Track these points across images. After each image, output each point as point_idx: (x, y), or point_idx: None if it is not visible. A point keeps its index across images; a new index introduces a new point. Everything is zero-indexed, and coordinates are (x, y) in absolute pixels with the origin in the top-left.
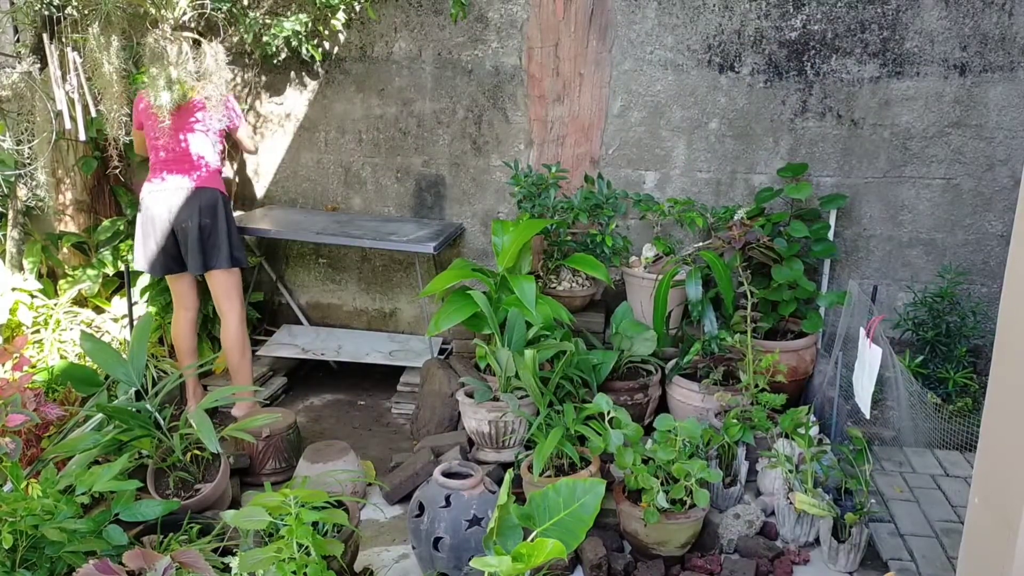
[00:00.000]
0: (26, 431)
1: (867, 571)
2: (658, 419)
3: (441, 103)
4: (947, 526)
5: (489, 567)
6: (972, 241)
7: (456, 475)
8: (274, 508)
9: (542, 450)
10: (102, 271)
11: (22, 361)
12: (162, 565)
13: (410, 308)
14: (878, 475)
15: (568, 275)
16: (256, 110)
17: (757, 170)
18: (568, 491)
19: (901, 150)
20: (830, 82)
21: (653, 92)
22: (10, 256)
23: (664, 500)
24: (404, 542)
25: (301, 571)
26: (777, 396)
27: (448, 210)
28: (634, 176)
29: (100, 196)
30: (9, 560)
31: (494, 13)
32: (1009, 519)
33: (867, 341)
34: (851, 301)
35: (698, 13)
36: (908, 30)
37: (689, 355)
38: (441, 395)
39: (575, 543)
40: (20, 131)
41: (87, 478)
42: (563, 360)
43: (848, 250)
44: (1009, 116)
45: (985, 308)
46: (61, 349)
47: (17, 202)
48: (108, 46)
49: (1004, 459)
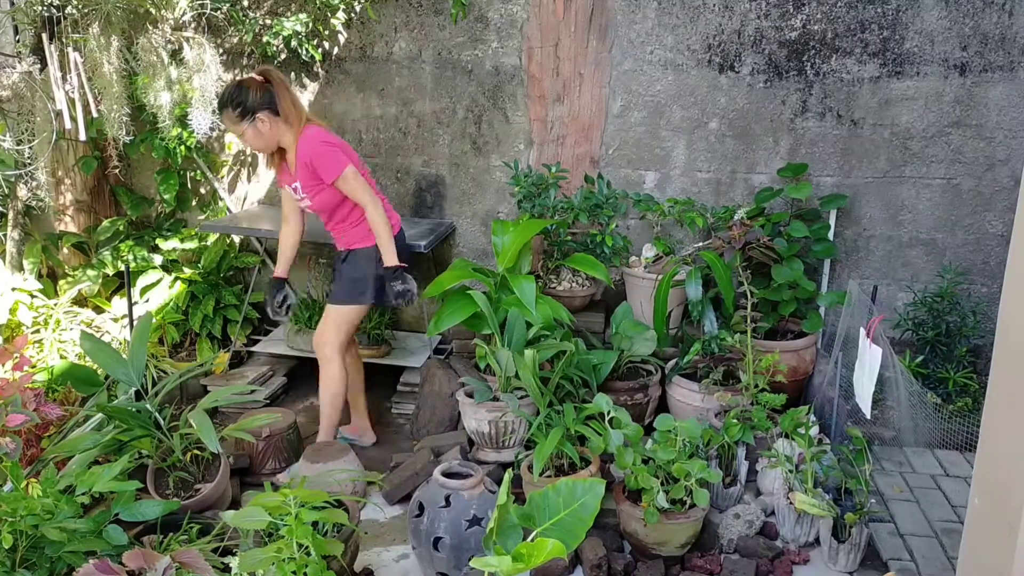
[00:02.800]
0: (26, 431)
1: (867, 571)
2: (658, 419)
3: (441, 103)
4: (947, 526)
5: (489, 567)
6: (972, 241)
7: (456, 475)
8: (274, 508)
9: (542, 450)
10: (102, 271)
11: (22, 361)
12: (162, 565)
13: (410, 308)
14: (878, 475)
15: (568, 275)
16: None
17: (757, 170)
18: (568, 491)
19: (901, 150)
20: (830, 82)
21: (653, 92)
22: (10, 256)
23: (664, 500)
24: (404, 542)
25: (301, 571)
26: (777, 396)
27: (448, 210)
28: (634, 176)
29: (100, 196)
30: (9, 560)
31: (494, 13)
32: (1009, 519)
33: (867, 341)
34: (851, 301)
35: (698, 13)
36: (908, 30)
37: (689, 355)
38: (441, 395)
39: (575, 543)
40: (20, 131)
41: (87, 478)
42: (563, 360)
43: (848, 250)
44: (1009, 116)
45: (985, 308)
46: (61, 349)
47: (17, 202)
48: (108, 46)
49: (1004, 459)
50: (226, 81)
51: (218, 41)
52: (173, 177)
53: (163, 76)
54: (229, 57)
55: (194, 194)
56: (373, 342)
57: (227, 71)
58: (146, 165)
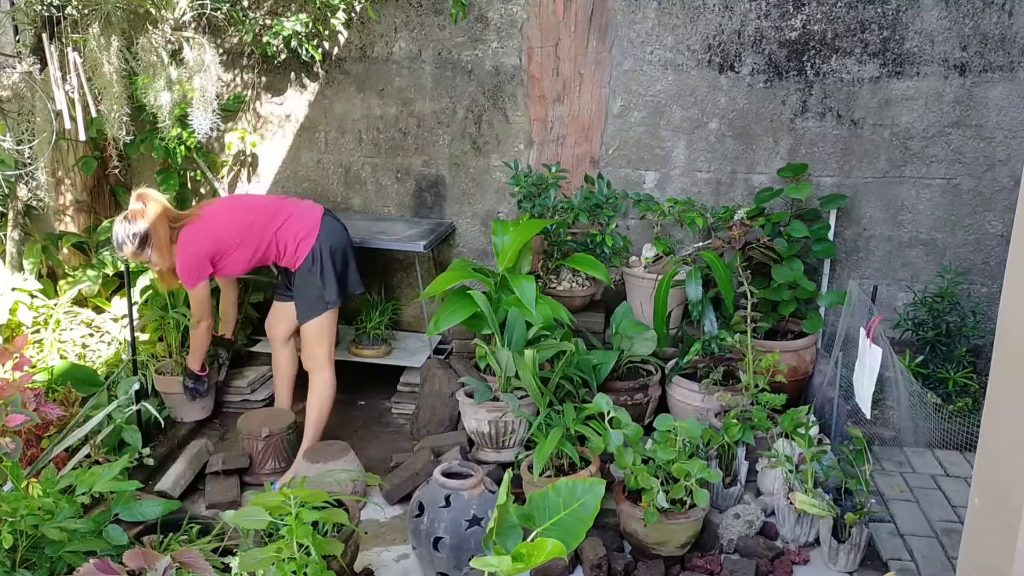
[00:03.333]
0: (26, 431)
1: (867, 571)
2: (658, 419)
3: (441, 103)
4: (947, 526)
5: (489, 567)
6: (972, 241)
7: (456, 475)
8: (274, 508)
9: (542, 450)
10: (102, 271)
11: (22, 361)
12: (162, 565)
13: (410, 308)
14: (878, 475)
15: (568, 275)
16: (256, 111)
17: (757, 170)
18: (568, 491)
19: (901, 150)
20: (830, 82)
21: (653, 92)
22: (10, 256)
23: (664, 500)
24: (404, 542)
25: (301, 571)
26: (777, 396)
27: (448, 210)
28: (634, 176)
29: (100, 196)
30: (9, 560)
31: (494, 13)
32: (1009, 519)
33: (867, 341)
34: (851, 301)
35: (698, 13)
36: (908, 30)
37: (689, 355)
38: (441, 395)
39: (575, 543)
40: (20, 131)
41: (87, 478)
42: (563, 360)
43: (848, 250)
44: (1009, 116)
45: (985, 308)
46: (61, 349)
47: (17, 202)
48: (108, 46)
49: (1004, 459)
50: (226, 81)
51: (218, 41)
52: (173, 177)
53: (163, 76)
54: (229, 57)
55: (194, 194)
56: (373, 342)
57: (227, 71)
58: (146, 165)
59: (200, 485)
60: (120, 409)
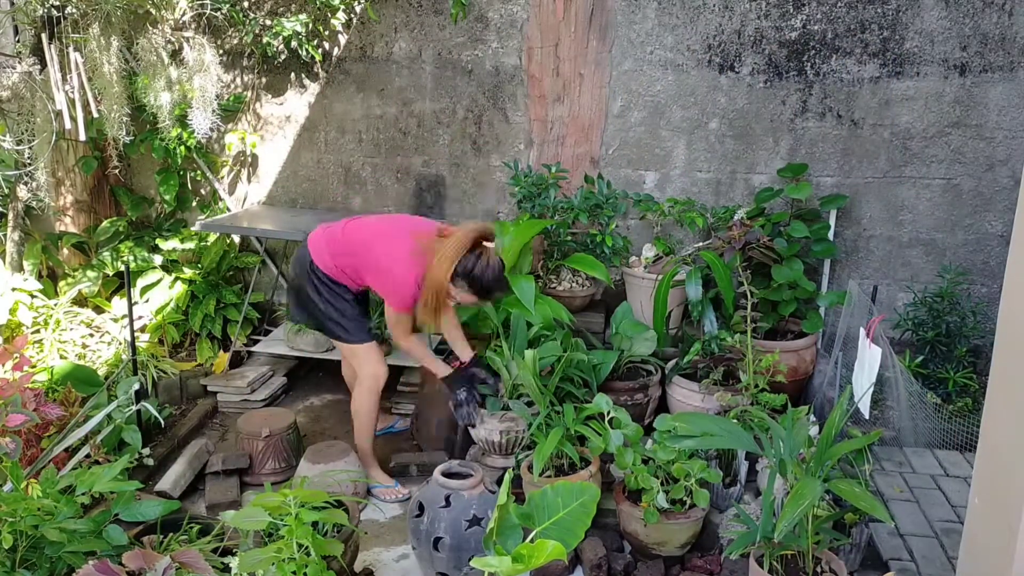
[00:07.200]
0: (26, 431)
1: (867, 571)
2: (658, 419)
3: (441, 103)
4: (947, 526)
5: (489, 567)
6: (972, 241)
7: (456, 475)
8: (274, 508)
9: (542, 450)
10: (102, 271)
11: (22, 361)
12: (162, 565)
13: None
14: (878, 475)
15: (568, 275)
16: (256, 111)
17: (757, 170)
18: (566, 491)
19: (901, 150)
20: (830, 82)
21: (653, 92)
22: (10, 256)
23: (664, 500)
24: (404, 542)
25: (301, 571)
26: (777, 396)
27: (448, 210)
28: (634, 176)
29: (100, 196)
30: (9, 560)
31: (494, 13)
32: (1009, 519)
33: (867, 341)
34: (851, 301)
35: (698, 13)
36: (908, 30)
37: (689, 355)
38: (441, 395)
39: (575, 542)
40: (20, 131)
41: (87, 478)
42: (563, 360)
43: (848, 250)
44: (1009, 116)
45: (985, 308)
46: (61, 349)
47: (17, 202)
48: (108, 46)
49: (1004, 459)
50: (226, 82)
51: (218, 41)
52: (173, 177)
53: (163, 76)
54: (229, 57)
55: (194, 194)
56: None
57: (227, 71)
58: (146, 165)
59: (200, 485)
60: (120, 409)
